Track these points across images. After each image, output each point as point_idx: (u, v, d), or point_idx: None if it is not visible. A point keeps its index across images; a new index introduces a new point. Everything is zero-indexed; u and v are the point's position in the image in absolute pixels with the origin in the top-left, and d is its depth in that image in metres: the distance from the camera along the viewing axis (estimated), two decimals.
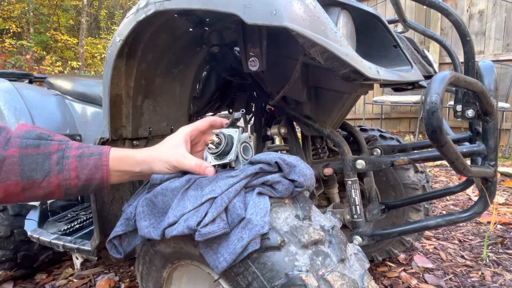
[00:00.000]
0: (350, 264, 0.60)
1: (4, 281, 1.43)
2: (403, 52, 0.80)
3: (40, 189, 0.59)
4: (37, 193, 0.59)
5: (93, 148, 0.64)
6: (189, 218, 0.56)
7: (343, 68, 0.61)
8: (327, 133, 0.94)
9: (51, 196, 0.61)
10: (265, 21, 0.53)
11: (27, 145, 0.58)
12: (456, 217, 0.83)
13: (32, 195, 0.59)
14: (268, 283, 0.54)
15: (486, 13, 4.36)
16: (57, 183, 0.59)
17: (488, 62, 0.81)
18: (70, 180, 0.60)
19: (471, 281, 1.37)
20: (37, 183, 0.58)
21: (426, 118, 0.57)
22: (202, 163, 0.64)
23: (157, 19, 0.72)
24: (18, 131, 0.61)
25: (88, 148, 0.63)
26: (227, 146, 0.66)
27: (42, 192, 0.59)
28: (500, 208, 2.18)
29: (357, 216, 0.91)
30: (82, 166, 0.60)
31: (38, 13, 9.57)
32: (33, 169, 0.58)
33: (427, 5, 0.80)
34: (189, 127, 0.69)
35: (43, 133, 0.63)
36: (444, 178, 3.06)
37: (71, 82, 1.50)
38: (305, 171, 0.62)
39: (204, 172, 0.64)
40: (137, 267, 0.80)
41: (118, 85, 0.81)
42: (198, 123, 0.70)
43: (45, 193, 0.60)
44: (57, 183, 0.59)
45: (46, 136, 0.62)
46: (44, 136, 0.62)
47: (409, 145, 1.16)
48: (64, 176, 0.59)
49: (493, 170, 0.77)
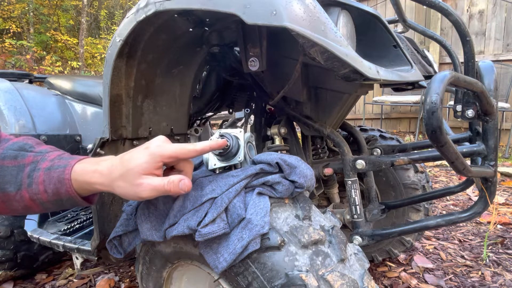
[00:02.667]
0: (350, 264, 0.60)
1: (4, 281, 1.43)
2: (403, 52, 0.80)
3: (15, 202, 0.55)
4: (14, 206, 0.56)
5: (65, 160, 0.57)
6: (189, 218, 0.57)
7: (343, 68, 0.61)
8: (327, 133, 0.94)
9: (30, 210, 0.57)
10: (265, 21, 0.53)
11: (5, 157, 0.55)
12: (456, 217, 0.83)
13: (13, 208, 0.56)
14: (268, 283, 0.54)
15: (486, 13, 4.36)
16: (28, 197, 0.55)
17: (488, 62, 0.81)
18: (40, 194, 0.55)
19: (471, 281, 1.37)
20: (11, 196, 0.55)
21: (426, 118, 0.57)
22: (170, 178, 0.53)
23: (157, 19, 0.72)
24: (8, 143, 0.58)
25: (60, 160, 0.57)
26: (234, 147, 0.65)
27: (18, 205, 0.56)
28: (500, 208, 2.18)
29: (357, 216, 0.91)
30: (49, 179, 0.55)
31: (38, 13, 9.57)
32: (7, 182, 0.54)
33: (427, 5, 0.80)
34: (167, 150, 0.54)
35: (27, 144, 0.59)
36: (444, 178, 3.06)
37: (71, 82, 1.50)
38: (305, 172, 0.62)
39: (179, 186, 0.53)
40: (137, 267, 0.80)
41: (118, 85, 0.81)
42: (181, 151, 0.54)
43: (22, 207, 0.56)
44: (29, 196, 0.55)
45: (27, 147, 0.58)
46: (25, 147, 0.58)
47: (409, 145, 1.16)
48: (33, 189, 0.55)
49: (493, 170, 0.77)
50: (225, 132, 0.67)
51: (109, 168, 0.54)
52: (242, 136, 0.67)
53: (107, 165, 0.55)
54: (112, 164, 0.55)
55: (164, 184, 0.52)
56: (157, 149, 0.54)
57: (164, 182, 0.52)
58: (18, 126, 1.28)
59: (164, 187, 0.52)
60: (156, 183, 0.52)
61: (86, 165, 0.56)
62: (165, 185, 0.52)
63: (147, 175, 0.52)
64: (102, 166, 0.55)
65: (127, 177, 0.52)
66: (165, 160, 0.54)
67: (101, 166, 0.55)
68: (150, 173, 0.53)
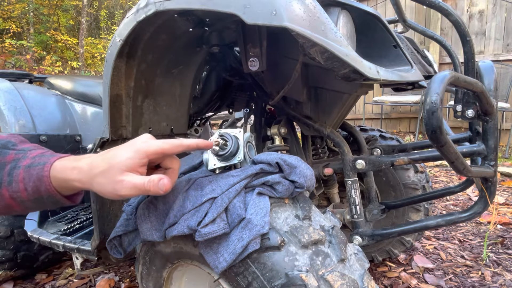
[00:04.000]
0: (350, 264, 0.60)
1: (4, 281, 1.43)
2: (403, 52, 0.80)
3: None
4: None
5: (46, 157, 0.55)
6: (189, 218, 0.57)
7: (343, 68, 0.61)
8: (327, 133, 0.94)
9: (11, 209, 0.55)
10: (265, 21, 0.53)
11: None
12: (456, 217, 0.83)
13: None
14: (268, 283, 0.54)
15: (486, 13, 4.36)
16: (8, 195, 0.54)
17: (488, 62, 0.81)
18: (20, 192, 0.53)
19: (471, 281, 1.37)
20: None
21: (426, 118, 0.57)
22: (151, 177, 0.52)
23: (157, 19, 0.72)
24: None
25: (41, 158, 0.55)
26: (234, 147, 0.65)
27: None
28: (500, 208, 2.18)
29: (357, 216, 0.91)
30: (29, 177, 0.53)
31: (38, 13, 9.57)
32: None
33: (427, 5, 0.80)
34: (152, 146, 0.53)
35: (10, 141, 0.58)
36: (444, 178, 3.06)
37: (71, 82, 1.50)
38: (305, 172, 0.62)
39: (158, 185, 0.51)
40: (137, 267, 0.80)
41: (118, 85, 0.81)
42: (166, 146, 0.54)
43: (3, 206, 0.54)
44: (9, 195, 0.54)
45: (10, 145, 0.57)
46: (8, 145, 0.57)
47: (409, 145, 1.16)
48: (13, 188, 0.53)
49: (493, 170, 0.77)
50: (225, 132, 0.67)
51: (89, 165, 0.53)
52: (242, 136, 0.67)
53: (87, 162, 0.53)
54: (92, 160, 0.53)
55: (144, 182, 0.51)
56: (143, 145, 0.53)
57: (144, 181, 0.51)
58: (18, 126, 1.28)
59: (144, 185, 0.51)
60: (137, 181, 0.51)
61: (66, 162, 0.54)
62: (145, 184, 0.51)
63: (130, 172, 0.51)
64: (82, 163, 0.54)
65: (109, 173, 0.51)
66: (151, 156, 0.53)
67: (81, 163, 0.54)
68: (134, 170, 0.52)
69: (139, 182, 0.51)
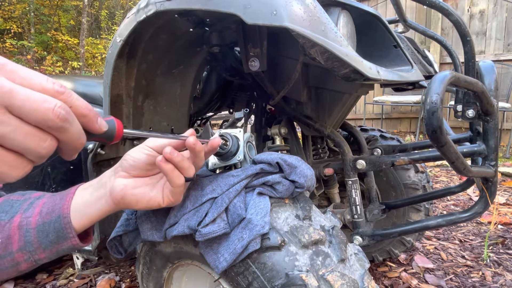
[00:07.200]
0: (351, 264, 0.60)
1: (5, 281, 1.43)
2: (404, 52, 0.80)
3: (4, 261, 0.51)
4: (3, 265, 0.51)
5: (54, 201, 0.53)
6: (190, 218, 0.57)
7: (343, 68, 0.61)
8: (327, 133, 0.94)
9: (19, 268, 0.53)
10: (265, 21, 0.53)
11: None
12: (456, 217, 0.83)
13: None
14: (268, 283, 0.54)
15: (486, 13, 4.36)
16: (23, 258, 0.52)
17: (488, 62, 0.81)
18: (32, 218, 0.52)
19: (472, 281, 1.37)
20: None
21: (427, 118, 0.57)
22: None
23: (158, 20, 0.72)
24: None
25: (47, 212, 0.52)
26: (233, 147, 0.66)
27: (8, 264, 0.52)
28: (500, 208, 2.18)
29: (357, 216, 0.91)
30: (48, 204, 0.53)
31: (39, 14, 9.58)
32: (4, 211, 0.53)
33: (428, 5, 0.80)
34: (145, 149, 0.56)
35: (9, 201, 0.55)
36: (445, 178, 3.06)
37: (71, 82, 1.50)
38: (306, 172, 0.62)
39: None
40: (138, 267, 0.80)
41: (119, 85, 0.81)
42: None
43: (11, 265, 0.52)
44: (24, 258, 0.52)
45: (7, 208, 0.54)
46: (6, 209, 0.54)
47: (410, 145, 1.16)
48: (27, 213, 0.52)
49: (493, 170, 0.77)
50: (225, 132, 0.67)
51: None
52: (242, 136, 0.67)
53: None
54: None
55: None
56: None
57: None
58: None
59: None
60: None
61: (82, 197, 0.54)
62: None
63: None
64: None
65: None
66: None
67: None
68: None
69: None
